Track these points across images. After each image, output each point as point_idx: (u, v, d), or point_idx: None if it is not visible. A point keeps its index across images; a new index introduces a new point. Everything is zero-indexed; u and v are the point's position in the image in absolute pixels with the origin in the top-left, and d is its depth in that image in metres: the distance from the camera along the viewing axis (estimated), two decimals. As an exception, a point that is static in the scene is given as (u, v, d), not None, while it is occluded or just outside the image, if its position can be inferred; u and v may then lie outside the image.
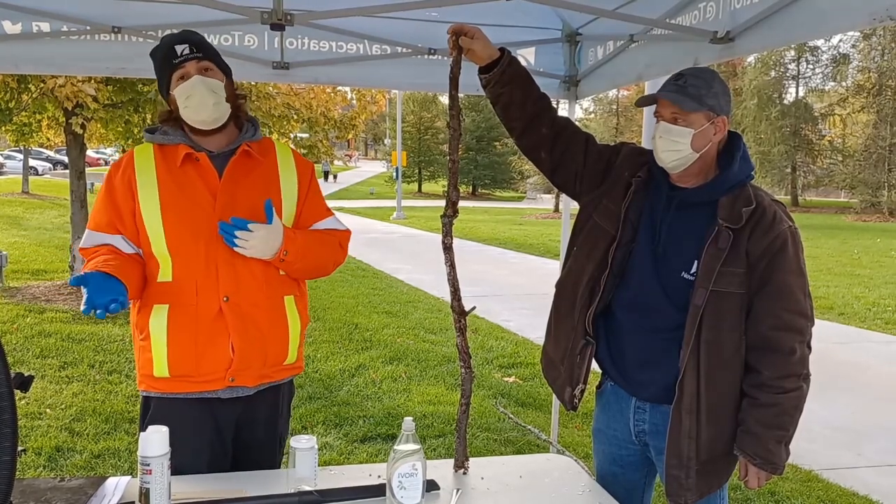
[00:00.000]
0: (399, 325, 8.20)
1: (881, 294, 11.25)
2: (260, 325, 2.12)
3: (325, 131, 10.37)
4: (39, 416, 4.85)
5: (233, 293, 2.08)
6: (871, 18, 1.90)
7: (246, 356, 2.10)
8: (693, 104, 1.96)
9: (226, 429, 2.18)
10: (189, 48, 2.08)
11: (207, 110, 2.08)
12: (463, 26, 2.10)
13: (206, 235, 2.07)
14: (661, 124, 2.02)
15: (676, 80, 2.01)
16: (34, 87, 7.52)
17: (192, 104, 2.08)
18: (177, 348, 2.07)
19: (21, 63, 3.28)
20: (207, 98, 2.07)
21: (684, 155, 1.99)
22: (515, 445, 4.74)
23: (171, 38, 2.13)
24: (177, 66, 2.09)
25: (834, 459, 4.79)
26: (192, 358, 2.08)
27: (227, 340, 2.08)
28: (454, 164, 2.06)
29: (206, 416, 2.13)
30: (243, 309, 2.09)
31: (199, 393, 2.11)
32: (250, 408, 2.20)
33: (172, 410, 2.10)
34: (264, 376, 2.17)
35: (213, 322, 2.07)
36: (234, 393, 2.14)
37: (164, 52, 2.11)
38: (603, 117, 34.73)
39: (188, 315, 2.07)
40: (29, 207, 19.67)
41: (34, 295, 8.61)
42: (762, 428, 1.98)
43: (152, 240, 2.09)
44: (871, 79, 30.83)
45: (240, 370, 2.10)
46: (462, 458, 2.14)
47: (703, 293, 1.95)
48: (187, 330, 2.07)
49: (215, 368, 2.09)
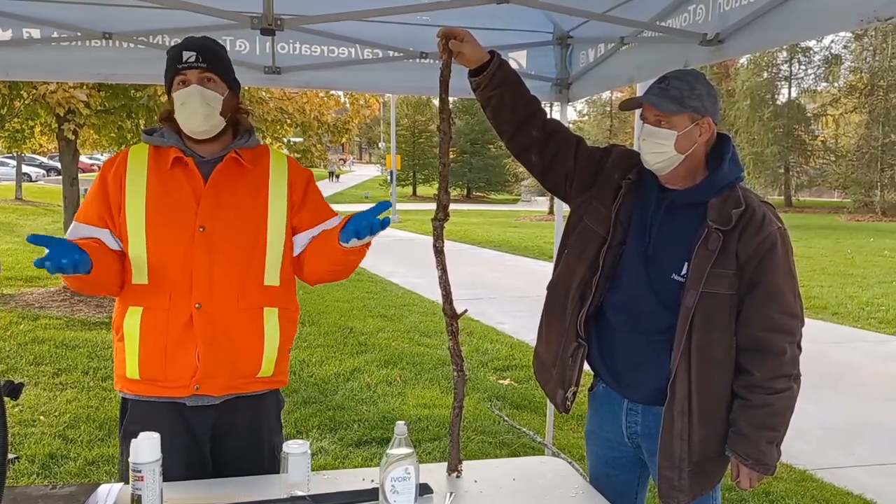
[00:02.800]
0: (394, 328, 8.20)
1: (874, 294, 11.29)
2: (230, 335, 2.09)
3: (318, 135, 10.37)
4: (33, 424, 4.83)
5: (206, 301, 2.07)
6: (860, 20, 1.91)
7: (210, 365, 2.08)
8: (674, 106, 1.97)
9: (201, 436, 2.15)
10: (196, 57, 2.09)
11: (197, 120, 2.08)
12: (453, 30, 2.10)
13: (186, 240, 2.07)
14: (645, 127, 2.03)
15: (660, 83, 2.02)
16: (26, 94, 7.51)
17: (185, 111, 2.08)
18: (147, 351, 2.07)
19: (12, 70, 3.27)
20: (199, 108, 2.07)
21: (669, 157, 2.00)
22: (510, 448, 4.74)
23: (183, 43, 2.14)
24: (179, 70, 2.09)
25: (828, 459, 4.80)
26: (161, 362, 2.07)
27: (194, 348, 2.07)
28: (445, 167, 2.07)
29: (178, 421, 2.11)
30: (215, 318, 2.07)
31: (168, 398, 2.10)
32: (226, 418, 2.16)
33: (147, 413, 2.10)
34: (231, 387, 2.13)
35: (182, 328, 2.06)
36: (200, 401, 2.11)
37: (173, 54, 2.12)
38: (597, 119, 34.75)
39: (160, 319, 2.06)
40: (22, 214, 19.61)
41: (27, 302, 8.58)
42: (753, 429, 1.98)
43: (132, 240, 2.08)
44: (863, 79, 30.98)
45: (204, 378, 2.08)
46: (455, 462, 2.14)
47: (693, 295, 1.96)
48: (158, 334, 2.06)
49: (181, 375, 2.08)
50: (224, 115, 2.13)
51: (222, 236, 2.10)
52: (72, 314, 8.00)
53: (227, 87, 2.15)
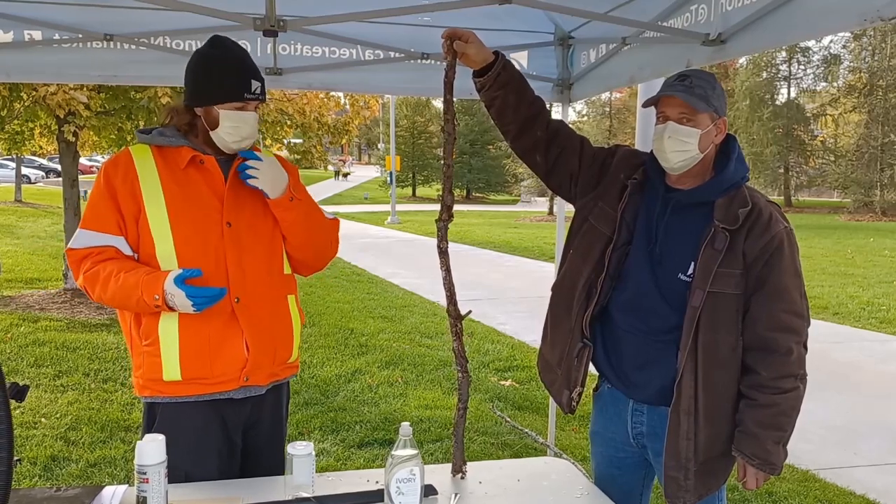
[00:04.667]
0: (395, 329, 8.19)
1: (875, 293, 11.29)
2: (268, 324, 2.18)
3: (318, 136, 10.37)
4: (34, 426, 4.83)
5: (243, 294, 2.12)
6: (862, 19, 1.90)
7: (259, 355, 2.14)
8: (703, 104, 1.97)
9: (234, 431, 2.20)
10: (261, 88, 2.13)
11: (238, 141, 2.13)
12: (457, 30, 2.10)
13: (216, 239, 2.10)
14: (669, 124, 2.00)
15: (682, 80, 2.00)
16: (26, 96, 7.51)
17: (236, 133, 2.12)
18: (190, 351, 2.08)
19: (13, 72, 3.27)
20: (250, 135, 2.14)
21: (691, 155, 2.00)
22: (512, 449, 4.74)
23: (246, 66, 2.12)
24: (246, 98, 2.10)
25: (830, 459, 4.79)
26: (207, 359, 2.09)
27: (242, 340, 2.11)
28: (448, 168, 2.06)
29: (215, 419, 2.15)
30: (254, 309, 2.14)
31: (211, 395, 2.12)
32: (258, 409, 2.23)
33: (181, 414, 2.11)
34: (274, 374, 2.22)
35: (224, 324, 2.10)
36: (248, 392, 2.17)
37: (235, 81, 2.09)
38: (596, 120, 34.78)
39: (200, 317, 2.06)
40: (22, 216, 19.60)
41: (28, 304, 8.58)
42: (760, 429, 1.98)
43: (158, 242, 2.08)
44: (862, 79, 31.00)
45: (254, 369, 2.14)
46: (459, 463, 2.13)
47: (700, 294, 1.95)
48: (200, 332, 2.08)
49: (230, 369, 2.11)
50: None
51: (247, 231, 2.16)
52: (72, 316, 8.00)
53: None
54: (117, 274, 2.02)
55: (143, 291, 1.99)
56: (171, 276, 1.98)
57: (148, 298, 1.98)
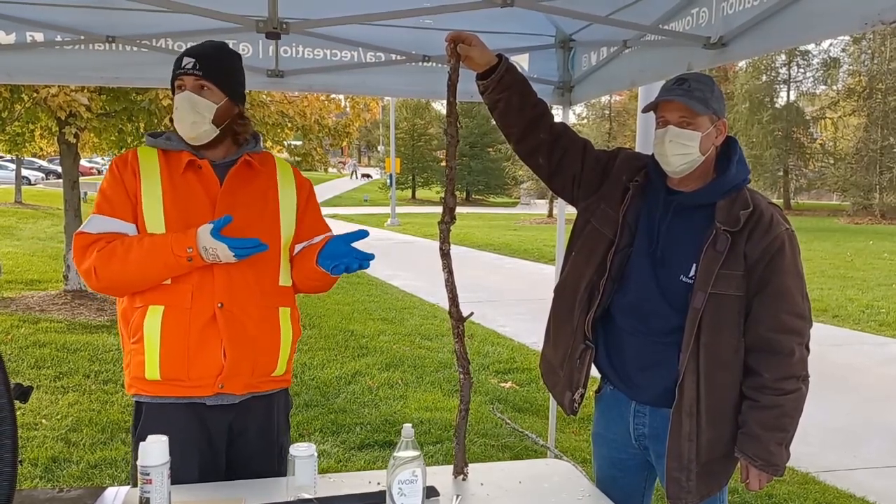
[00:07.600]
0: (395, 331, 8.20)
1: (874, 296, 11.29)
2: (252, 333, 2.12)
3: (319, 139, 10.37)
4: (35, 427, 4.82)
5: (227, 300, 2.09)
6: (863, 23, 1.91)
7: (237, 363, 2.10)
8: (701, 107, 1.98)
9: (217, 437, 2.17)
10: (194, 63, 2.10)
11: (185, 126, 2.11)
12: (461, 33, 2.11)
13: None
14: (670, 128, 2.01)
15: (680, 84, 2.01)
16: (27, 97, 7.51)
17: (177, 116, 2.13)
18: (169, 351, 2.07)
19: (14, 73, 3.28)
20: (187, 115, 2.10)
21: (693, 158, 2.01)
22: (513, 451, 4.74)
23: (188, 48, 2.16)
24: (178, 75, 2.12)
25: (830, 461, 4.80)
26: (184, 362, 2.07)
27: (220, 346, 2.08)
28: (451, 170, 2.07)
29: (195, 422, 2.12)
30: (236, 316, 2.10)
31: (188, 398, 2.10)
32: (241, 417, 2.18)
33: (164, 415, 2.10)
34: (251, 386, 2.16)
35: (204, 327, 2.07)
36: (221, 400, 2.12)
37: (177, 59, 2.14)
38: (595, 122, 34.76)
39: (182, 318, 2.06)
40: (22, 217, 19.57)
41: (28, 305, 8.57)
42: (763, 430, 1.99)
43: None
44: (862, 82, 31.01)
45: (229, 377, 2.10)
46: (461, 464, 2.14)
47: (702, 296, 1.96)
48: (180, 333, 2.07)
49: (205, 374, 2.08)
50: (217, 123, 2.13)
51: (238, 236, 2.09)
52: (73, 317, 8.00)
53: (224, 95, 2.15)
54: (140, 241, 2.03)
55: (173, 246, 1.99)
56: (205, 228, 1.98)
57: (179, 251, 1.98)
